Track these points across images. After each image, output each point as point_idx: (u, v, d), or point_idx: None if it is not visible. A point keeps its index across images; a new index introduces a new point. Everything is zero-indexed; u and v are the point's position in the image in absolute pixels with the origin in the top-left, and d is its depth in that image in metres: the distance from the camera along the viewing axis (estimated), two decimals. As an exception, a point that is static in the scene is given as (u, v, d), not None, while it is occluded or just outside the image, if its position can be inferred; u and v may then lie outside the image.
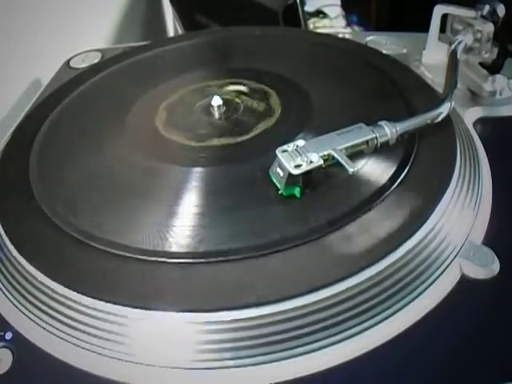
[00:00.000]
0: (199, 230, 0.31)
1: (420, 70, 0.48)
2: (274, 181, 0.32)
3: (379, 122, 0.34)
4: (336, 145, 0.32)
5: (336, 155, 0.32)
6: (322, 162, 0.31)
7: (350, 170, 0.30)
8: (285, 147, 0.32)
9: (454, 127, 0.36)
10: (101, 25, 0.76)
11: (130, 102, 0.43)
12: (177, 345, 0.27)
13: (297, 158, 0.31)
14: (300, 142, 0.32)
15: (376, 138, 0.33)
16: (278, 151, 0.32)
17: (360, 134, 0.33)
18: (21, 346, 0.29)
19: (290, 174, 0.31)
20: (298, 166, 0.31)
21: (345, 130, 0.33)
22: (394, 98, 0.40)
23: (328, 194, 0.32)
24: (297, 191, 0.32)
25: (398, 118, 0.34)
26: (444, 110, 0.35)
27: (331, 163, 0.32)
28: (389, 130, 0.33)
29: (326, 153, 0.32)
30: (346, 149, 0.32)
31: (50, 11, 0.62)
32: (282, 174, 0.31)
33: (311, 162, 0.31)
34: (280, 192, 0.32)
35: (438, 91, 0.40)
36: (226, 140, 0.38)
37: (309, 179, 0.31)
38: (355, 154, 0.33)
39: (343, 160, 0.31)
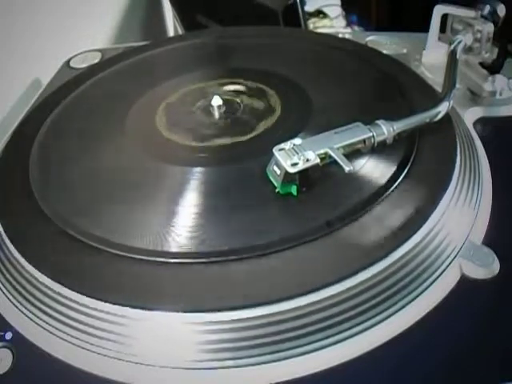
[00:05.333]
0: (199, 229, 0.31)
1: (420, 70, 0.48)
2: (271, 179, 0.32)
3: (376, 121, 0.34)
4: (333, 143, 0.32)
5: (332, 154, 0.32)
6: (318, 160, 0.31)
7: (346, 168, 0.31)
8: (282, 145, 0.32)
9: (453, 127, 0.36)
10: (101, 25, 0.76)
11: (130, 102, 0.43)
12: (177, 345, 0.27)
13: (293, 156, 0.31)
14: (297, 141, 0.32)
15: (373, 136, 0.33)
16: (274, 149, 0.32)
17: (357, 133, 0.33)
18: (21, 346, 0.29)
19: (286, 173, 0.31)
20: (294, 165, 0.31)
21: (342, 128, 0.33)
22: (394, 97, 0.40)
23: (327, 193, 0.32)
24: (294, 189, 0.32)
25: (397, 117, 0.35)
26: (442, 109, 0.35)
27: (328, 162, 0.32)
28: (386, 129, 0.33)
29: (322, 151, 0.32)
30: (343, 147, 0.33)
31: (50, 11, 0.62)
32: (278, 172, 0.31)
33: (308, 160, 0.31)
34: (277, 190, 0.32)
35: (438, 91, 0.40)
36: (226, 140, 0.38)
37: (306, 178, 0.31)
38: (353, 153, 0.33)
39: (339, 158, 0.31)
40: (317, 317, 0.27)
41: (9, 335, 0.29)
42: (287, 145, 0.32)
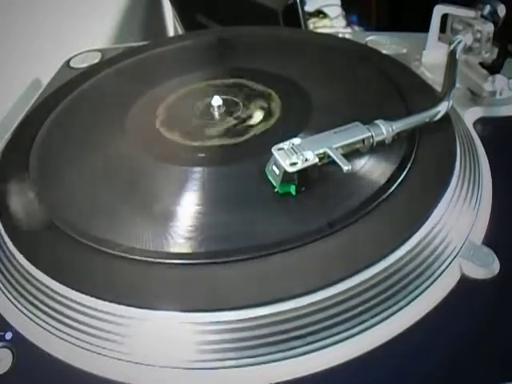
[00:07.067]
0: (199, 229, 0.31)
1: (420, 70, 0.48)
2: (270, 179, 0.32)
3: (375, 121, 0.34)
4: (332, 143, 0.32)
5: (331, 153, 0.32)
6: (317, 160, 0.31)
7: (345, 168, 0.31)
8: (281, 145, 0.32)
9: (453, 127, 0.36)
10: (101, 25, 0.76)
11: (130, 101, 0.43)
12: (177, 345, 0.27)
13: (292, 156, 0.31)
14: (296, 141, 0.32)
15: (372, 136, 0.33)
16: (273, 149, 0.32)
17: (356, 133, 0.33)
18: (21, 346, 0.29)
19: (285, 172, 0.31)
20: (293, 164, 0.31)
21: (341, 128, 0.33)
22: (394, 97, 0.40)
23: (326, 193, 0.32)
24: (292, 189, 0.32)
25: (396, 117, 0.35)
26: (442, 108, 0.36)
27: (327, 161, 0.32)
28: (385, 129, 0.33)
29: (321, 151, 0.32)
30: (342, 147, 0.33)
31: (50, 11, 0.62)
32: (277, 172, 0.32)
33: (306, 160, 0.31)
34: (276, 190, 0.32)
35: (438, 91, 0.40)
36: (225, 140, 0.38)
37: (305, 177, 0.31)
38: (352, 153, 0.33)
39: (338, 158, 0.31)
40: (317, 317, 0.27)
41: (9, 335, 0.29)
42: (286, 144, 0.32)
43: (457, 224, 0.31)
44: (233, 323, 0.26)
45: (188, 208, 0.32)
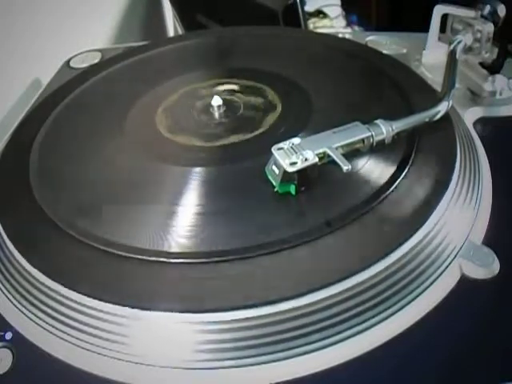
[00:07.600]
0: (198, 229, 0.31)
1: (420, 70, 0.48)
2: (270, 178, 0.32)
3: (375, 121, 0.34)
4: (331, 143, 0.32)
5: (331, 153, 0.32)
6: (317, 159, 0.31)
7: (345, 168, 0.31)
8: (281, 145, 0.32)
9: (453, 127, 0.36)
10: (101, 25, 0.76)
11: (130, 102, 0.43)
12: (177, 345, 0.27)
13: (292, 155, 0.31)
14: (296, 140, 0.32)
15: (372, 136, 0.33)
16: (273, 149, 0.32)
17: (356, 132, 0.33)
18: (21, 346, 0.29)
19: (285, 172, 0.31)
20: (293, 164, 0.31)
21: (341, 128, 0.33)
22: (394, 97, 0.40)
23: (326, 193, 0.32)
24: (292, 189, 0.32)
25: (396, 117, 0.35)
26: (442, 108, 0.36)
27: (326, 161, 0.32)
28: (385, 129, 0.33)
29: (321, 151, 0.32)
30: (342, 147, 0.33)
31: (50, 11, 0.62)
32: (277, 171, 0.32)
33: (306, 159, 0.31)
34: (275, 190, 0.32)
35: (438, 91, 0.40)
36: (225, 140, 0.38)
37: (304, 177, 0.31)
38: (352, 153, 0.33)
39: (338, 158, 0.31)
40: (317, 317, 0.27)
41: (9, 335, 0.29)
42: (286, 144, 0.32)
43: (457, 224, 0.31)
44: (232, 323, 0.26)
45: (187, 208, 0.32)
